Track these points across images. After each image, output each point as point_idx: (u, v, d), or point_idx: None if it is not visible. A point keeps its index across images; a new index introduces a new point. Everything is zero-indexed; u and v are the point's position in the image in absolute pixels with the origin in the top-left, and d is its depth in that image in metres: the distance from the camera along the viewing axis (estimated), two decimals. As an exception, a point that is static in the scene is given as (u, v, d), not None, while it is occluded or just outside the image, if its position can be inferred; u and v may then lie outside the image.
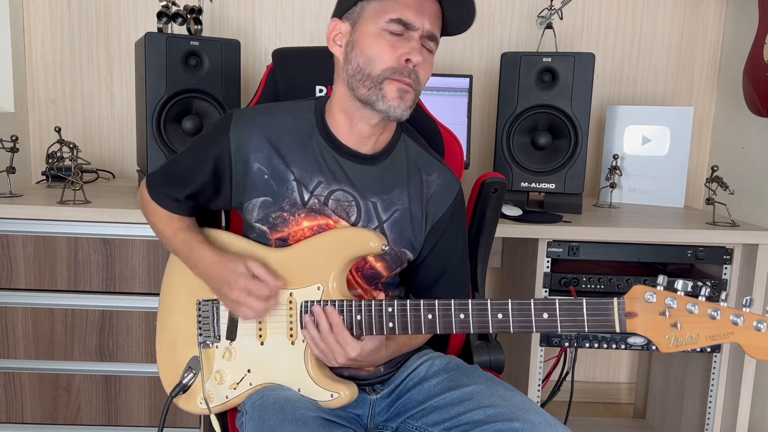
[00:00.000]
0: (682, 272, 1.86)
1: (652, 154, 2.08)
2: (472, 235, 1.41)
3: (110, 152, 2.24)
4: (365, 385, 1.20)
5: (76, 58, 2.18)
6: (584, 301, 0.98)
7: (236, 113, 1.17)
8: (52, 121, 2.20)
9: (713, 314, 0.92)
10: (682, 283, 0.93)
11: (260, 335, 1.15)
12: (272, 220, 1.14)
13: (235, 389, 1.17)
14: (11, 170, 1.66)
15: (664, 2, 2.28)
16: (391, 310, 1.06)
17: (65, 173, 1.76)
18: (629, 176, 2.10)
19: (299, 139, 1.15)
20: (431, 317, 1.05)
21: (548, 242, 1.73)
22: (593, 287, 1.76)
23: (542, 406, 1.83)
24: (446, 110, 1.96)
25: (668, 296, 0.94)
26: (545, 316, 0.99)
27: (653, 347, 1.81)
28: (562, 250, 1.73)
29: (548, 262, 1.74)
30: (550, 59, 1.87)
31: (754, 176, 2.08)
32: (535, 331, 1.01)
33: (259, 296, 1.09)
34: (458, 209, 1.22)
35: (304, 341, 1.12)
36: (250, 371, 1.16)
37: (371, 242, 1.10)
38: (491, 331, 1.03)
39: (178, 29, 1.90)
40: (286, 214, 1.14)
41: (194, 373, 1.18)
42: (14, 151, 1.66)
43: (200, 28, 1.90)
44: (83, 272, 1.60)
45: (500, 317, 1.01)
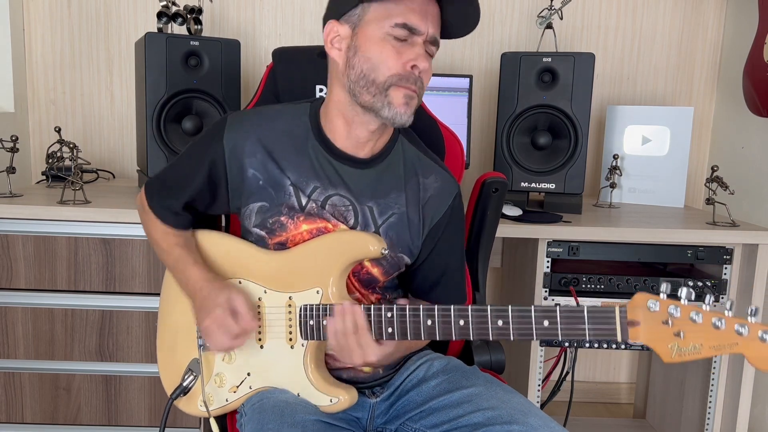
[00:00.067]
0: (682, 272, 1.86)
1: (652, 154, 2.08)
2: (472, 234, 1.41)
3: (110, 152, 2.24)
4: (365, 387, 1.20)
5: (76, 58, 2.18)
6: (585, 308, 0.96)
7: (230, 117, 1.15)
8: (52, 121, 2.20)
9: (717, 324, 0.89)
10: (686, 291, 0.91)
11: (260, 338, 1.14)
12: (270, 225, 1.13)
13: (235, 392, 1.16)
14: (11, 170, 1.66)
15: (664, 2, 2.28)
16: (390, 315, 1.05)
17: (65, 173, 1.76)
18: (629, 176, 2.10)
19: (294, 143, 1.13)
20: (430, 323, 1.04)
21: (548, 242, 1.72)
22: (593, 287, 1.76)
23: (542, 406, 1.83)
24: (446, 110, 1.96)
25: (671, 305, 0.91)
26: (546, 323, 0.98)
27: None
28: (562, 250, 1.73)
29: (548, 262, 1.74)
30: (550, 59, 1.87)
31: (754, 176, 2.08)
32: (535, 338, 0.99)
33: (227, 332, 1.07)
34: (456, 212, 1.21)
35: (303, 345, 1.11)
36: (249, 374, 1.15)
37: (370, 245, 1.09)
38: (491, 338, 1.01)
39: (178, 29, 1.90)
40: (284, 218, 1.13)
41: (195, 375, 1.17)
42: (14, 151, 1.66)
43: (200, 28, 1.90)
44: (83, 272, 1.60)
45: (500, 324, 1.00)
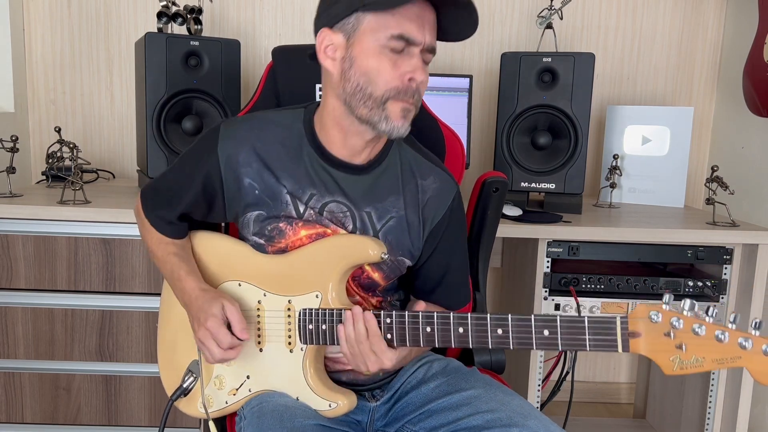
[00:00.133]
0: (682, 272, 1.86)
1: (652, 154, 2.08)
2: (472, 234, 1.40)
3: (110, 152, 2.24)
4: (364, 390, 1.19)
5: (76, 58, 2.18)
6: (586, 318, 0.95)
7: (223, 126, 1.13)
8: (52, 121, 2.20)
9: (720, 337, 0.87)
10: (689, 302, 0.89)
11: (259, 341, 1.14)
12: (268, 232, 1.12)
13: (234, 395, 1.16)
14: (11, 170, 1.66)
15: (664, 2, 2.28)
16: (389, 321, 1.04)
17: (65, 173, 1.76)
18: (629, 176, 2.10)
19: (289, 151, 1.12)
20: (429, 330, 1.03)
21: (548, 242, 1.72)
22: (593, 287, 1.76)
23: (542, 406, 1.83)
24: (446, 110, 1.96)
25: (674, 316, 0.90)
26: (546, 332, 0.97)
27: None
28: (562, 250, 1.73)
29: (548, 262, 1.74)
30: (550, 59, 1.87)
31: (754, 176, 2.08)
32: (535, 348, 0.99)
33: (219, 342, 1.06)
34: (456, 212, 1.19)
35: (302, 349, 1.11)
36: (249, 377, 1.15)
37: (370, 249, 1.07)
38: (490, 346, 1.01)
39: (178, 29, 1.90)
40: (282, 224, 1.12)
41: (195, 376, 1.17)
42: (14, 151, 1.66)
43: (200, 28, 1.90)
44: (83, 272, 1.60)
45: (499, 333, 1.00)
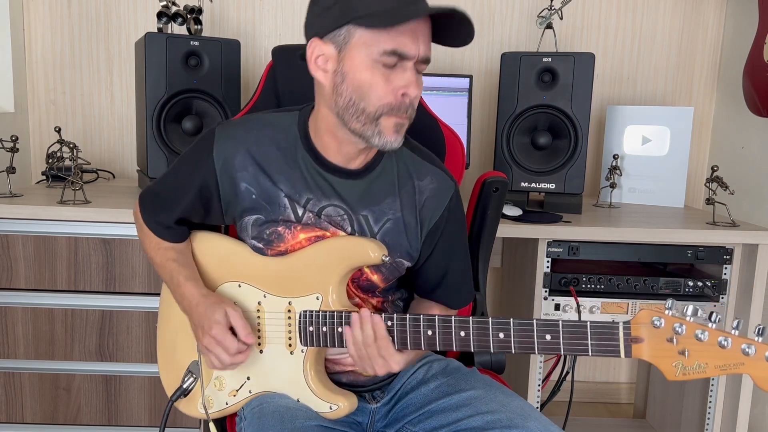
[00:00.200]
0: (682, 272, 1.86)
1: (652, 154, 2.07)
2: (472, 234, 1.40)
3: (110, 152, 2.24)
4: (365, 391, 1.19)
5: (76, 58, 2.18)
6: (588, 323, 0.95)
7: (219, 130, 1.12)
8: (52, 121, 2.20)
9: (723, 343, 0.88)
10: (692, 308, 0.90)
11: (259, 343, 1.14)
12: (267, 236, 1.12)
13: (234, 396, 1.16)
14: (11, 170, 1.66)
15: (664, 2, 2.28)
16: (390, 324, 1.04)
17: (65, 173, 1.76)
18: (629, 176, 2.10)
19: (284, 155, 1.11)
20: (431, 333, 1.03)
21: (548, 242, 1.72)
22: (593, 287, 1.76)
23: (542, 406, 1.83)
24: (446, 110, 1.96)
25: (676, 322, 0.90)
26: (548, 337, 0.97)
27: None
28: (562, 250, 1.73)
29: (548, 262, 1.74)
30: (550, 59, 1.87)
31: (754, 176, 2.08)
32: (536, 352, 0.98)
33: (226, 349, 1.06)
34: (455, 210, 1.19)
35: (302, 351, 1.11)
36: (249, 379, 1.15)
37: (371, 251, 1.07)
38: (492, 350, 1.01)
39: (178, 29, 1.90)
40: (281, 228, 1.11)
41: (195, 377, 1.17)
42: (14, 151, 1.66)
43: (200, 28, 1.90)
44: (83, 272, 1.60)
45: (501, 337, 1.00)
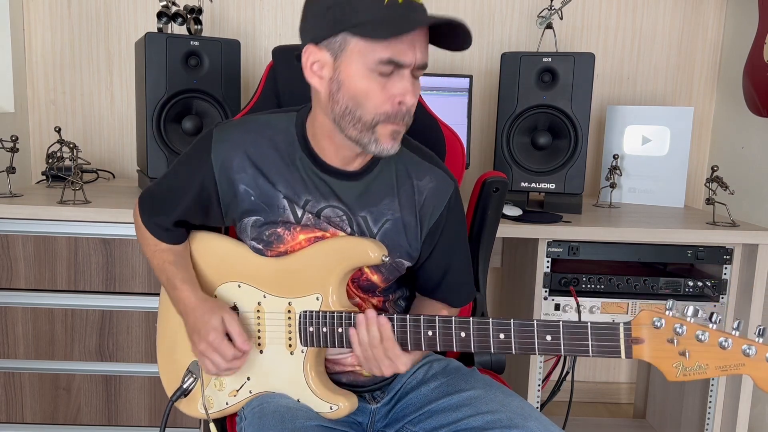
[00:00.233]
0: (682, 272, 1.86)
1: (652, 154, 2.07)
2: (472, 234, 1.40)
3: (110, 152, 2.24)
4: (365, 392, 1.19)
5: (76, 58, 2.18)
6: (589, 324, 0.95)
7: (216, 132, 1.12)
8: (52, 121, 2.20)
9: (724, 344, 0.88)
10: (692, 308, 0.90)
11: (259, 343, 1.14)
12: (266, 238, 1.12)
13: (234, 396, 1.16)
14: (11, 170, 1.66)
15: (664, 2, 2.28)
16: (391, 325, 1.04)
17: (65, 173, 1.76)
18: (629, 176, 2.10)
19: (282, 156, 1.11)
20: (431, 334, 1.03)
21: (548, 242, 1.72)
22: (593, 287, 1.76)
23: (542, 406, 1.83)
24: (446, 110, 1.96)
25: (677, 322, 0.90)
26: (548, 338, 0.97)
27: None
28: (562, 250, 1.73)
29: (548, 262, 1.74)
30: (550, 59, 1.87)
31: (754, 176, 2.08)
32: (537, 353, 0.98)
33: (223, 355, 1.07)
34: (454, 208, 1.18)
35: (302, 352, 1.11)
36: (249, 379, 1.15)
37: (370, 252, 1.07)
38: (492, 351, 1.01)
39: (178, 29, 1.90)
40: (280, 230, 1.11)
41: (195, 377, 1.17)
42: (14, 151, 1.66)
43: (200, 28, 1.90)
44: (83, 272, 1.60)
45: (502, 337, 1.00)
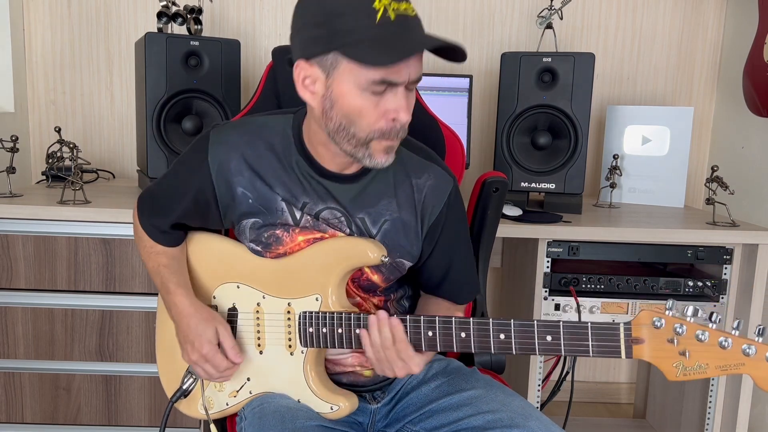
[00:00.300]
0: (682, 272, 1.86)
1: (652, 154, 2.07)
2: (472, 234, 1.40)
3: (110, 152, 2.24)
4: (365, 392, 1.19)
5: (76, 58, 2.18)
6: (589, 324, 0.95)
7: (213, 134, 1.11)
8: (52, 121, 2.20)
9: (724, 343, 0.88)
10: (692, 308, 0.90)
11: (259, 344, 1.14)
12: (265, 239, 1.12)
13: (234, 397, 1.16)
14: (11, 170, 1.66)
15: (664, 2, 2.28)
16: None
17: (65, 173, 1.76)
18: (629, 176, 2.10)
19: (279, 159, 1.10)
20: (431, 334, 1.03)
21: (548, 242, 1.72)
22: (593, 287, 1.76)
23: (542, 406, 1.83)
24: (446, 110, 1.96)
25: (677, 322, 0.90)
26: (549, 338, 0.97)
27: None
28: (562, 250, 1.73)
29: (548, 262, 1.74)
30: (550, 59, 1.87)
31: (754, 176, 2.08)
32: (537, 353, 0.98)
33: (215, 367, 1.10)
34: (454, 204, 1.17)
35: (302, 352, 1.11)
36: (249, 379, 1.15)
37: (370, 252, 1.06)
38: (493, 351, 1.01)
39: (178, 29, 1.90)
40: (279, 231, 1.11)
41: (194, 378, 1.17)
42: (14, 151, 1.66)
43: (200, 28, 1.90)
44: (83, 272, 1.60)
45: (502, 338, 1.00)
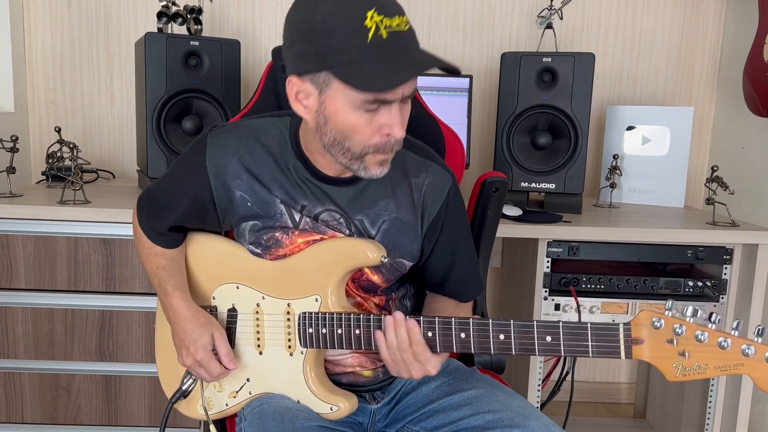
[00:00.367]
0: (682, 272, 1.86)
1: (652, 154, 2.07)
2: (473, 234, 1.40)
3: (110, 152, 2.24)
4: (365, 392, 1.19)
5: (76, 58, 2.18)
6: (589, 325, 0.95)
7: (211, 136, 1.11)
8: (52, 121, 2.20)
9: (723, 344, 0.88)
10: (691, 309, 0.90)
11: (258, 345, 1.14)
12: (264, 242, 1.12)
13: (234, 397, 1.16)
14: (11, 170, 1.66)
15: (664, 2, 2.28)
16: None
17: (65, 173, 1.76)
18: (629, 176, 2.10)
19: (277, 162, 1.10)
20: (431, 335, 1.02)
21: (548, 242, 1.72)
22: (593, 287, 1.76)
23: (542, 406, 1.83)
24: (446, 110, 1.96)
25: (676, 323, 0.90)
26: (548, 339, 0.97)
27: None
28: (562, 250, 1.73)
29: (548, 262, 1.74)
30: (550, 59, 1.86)
31: (754, 176, 2.08)
32: (537, 353, 0.98)
33: (209, 372, 1.12)
34: (453, 202, 1.17)
35: (302, 353, 1.10)
36: (249, 380, 1.15)
37: (369, 252, 1.06)
38: (492, 352, 1.00)
39: (178, 29, 1.90)
40: (278, 234, 1.11)
41: (194, 378, 1.17)
42: (14, 151, 1.66)
43: (200, 28, 1.90)
44: (83, 272, 1.60)
45: (502, 338, 1.00)
